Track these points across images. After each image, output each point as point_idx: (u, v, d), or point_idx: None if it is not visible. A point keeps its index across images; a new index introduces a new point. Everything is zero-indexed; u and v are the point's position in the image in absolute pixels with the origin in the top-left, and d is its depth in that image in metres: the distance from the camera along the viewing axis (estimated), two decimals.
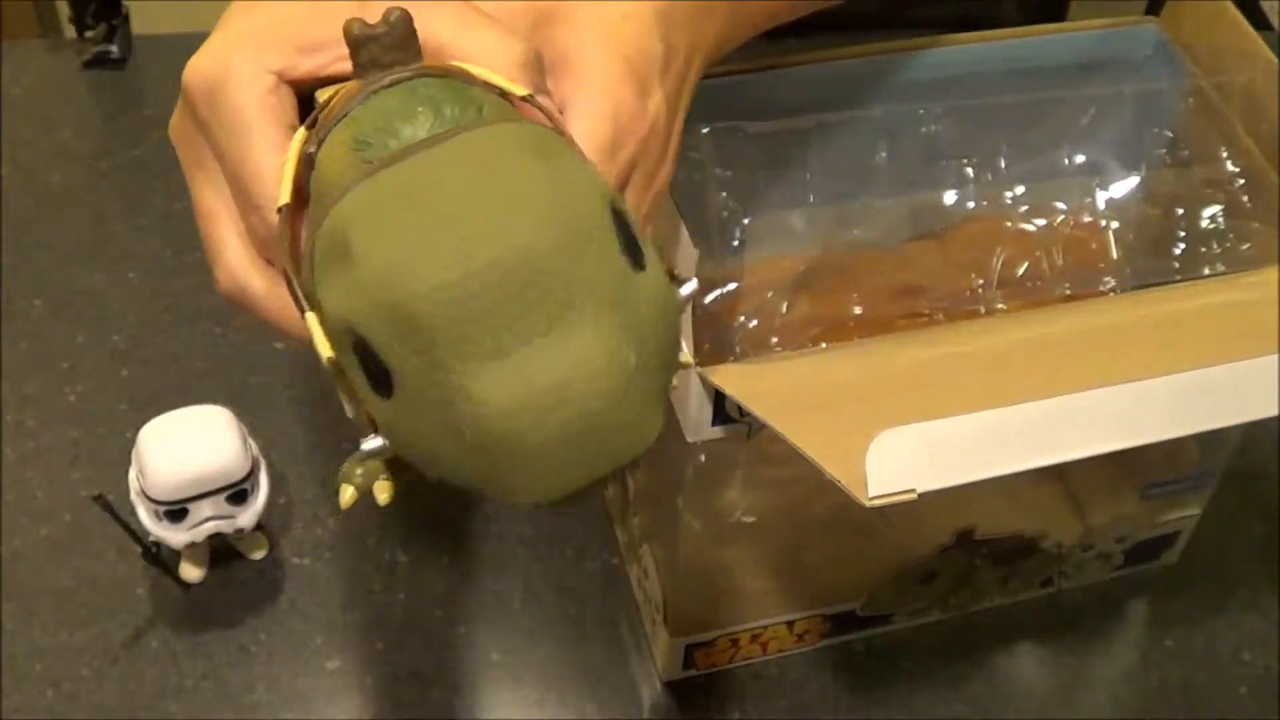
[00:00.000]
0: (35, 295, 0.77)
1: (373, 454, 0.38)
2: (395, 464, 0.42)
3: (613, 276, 0.34)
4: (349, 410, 0.42)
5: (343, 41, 0.41)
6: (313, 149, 0.39)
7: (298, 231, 0.40)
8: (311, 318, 0.38)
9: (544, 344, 0.33)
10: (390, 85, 0.39)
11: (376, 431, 0.37)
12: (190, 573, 0.65)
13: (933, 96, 0.56)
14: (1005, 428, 0.46)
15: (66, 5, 0.94)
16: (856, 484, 0.43)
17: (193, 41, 0.45)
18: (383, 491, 0.42)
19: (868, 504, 0.43)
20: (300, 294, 0.39)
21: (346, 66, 0.41)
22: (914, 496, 0.44)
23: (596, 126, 0.41)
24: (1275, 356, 0.49)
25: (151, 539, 0.62)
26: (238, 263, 0.43)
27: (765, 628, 0.62)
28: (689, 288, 0.38)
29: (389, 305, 0.34)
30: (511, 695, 0.62)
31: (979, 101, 0.57)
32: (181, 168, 0.43)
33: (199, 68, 0.43)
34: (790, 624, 0.62)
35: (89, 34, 0.92)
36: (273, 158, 0.41)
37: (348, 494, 0.42)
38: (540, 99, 0.40)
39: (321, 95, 0.42)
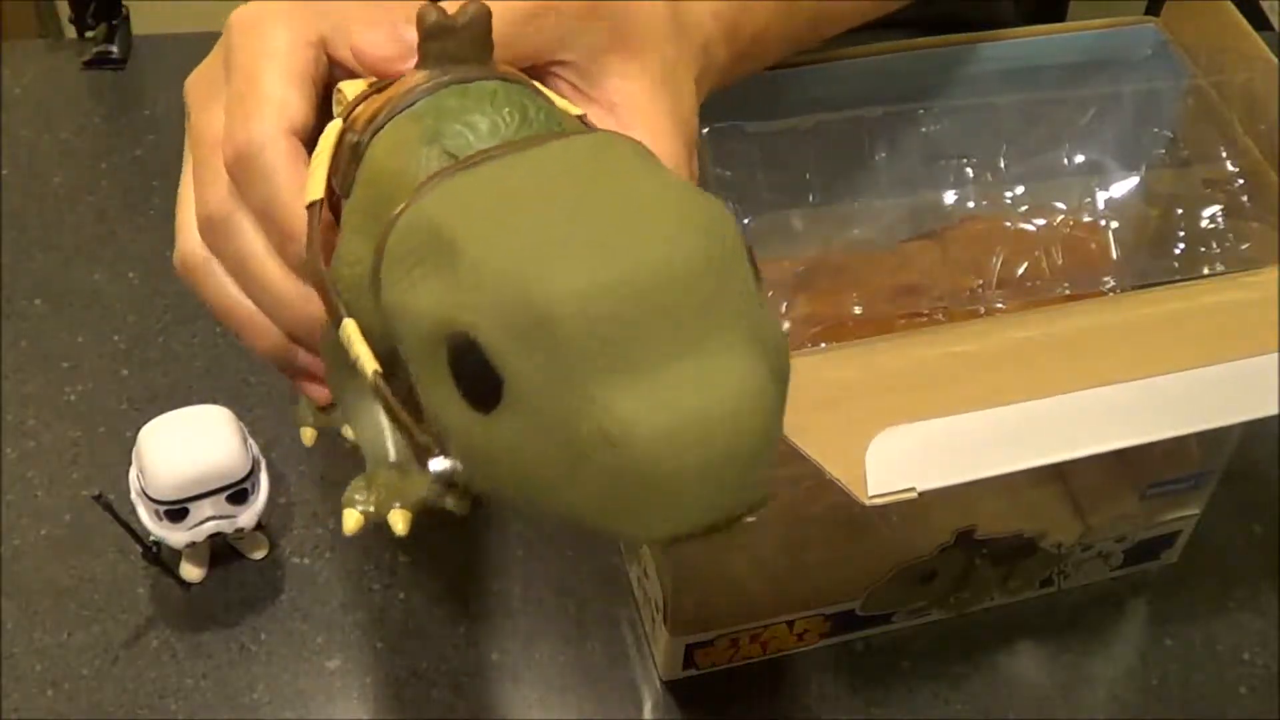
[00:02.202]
0: (35, 295, 0.77)
1: (440, 477, 0.34)
2: (447, 489, 0.38)
3: (751, 303, 0.32)
4: (352, 432, 0.40)
5: (403, 31, 0.38)
6: (357, 139, 0.37)
7: (325, 231, 0.37)
8: (351, 325, 0.35)
9: (694, 364, 0.30)
10: (464, 81, 0.36)
11: (443, 452, 0.33)
12: (190, 572, 0.65)
13: (933, 96, 0.56)
14: (1005, 427, 0.46)
15: (66, 5, 0.94)
16: (856, 483, 0.43)
17: (193, 41, 0.45)
18: (400, 521, 0.39)
19: (868, 503, 0.43)
20: (336, 298, 0.36)
21: (395, 67, 0.39)
22: (914, 495, 0.44)
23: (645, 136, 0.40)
24: (1275, 355, 0.49)
25: (152, 539, 0.62)
26: (221, 207, 0.40)
27: (765, 628, 0.62)
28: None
29: (519, 308, 0.30)
30: (511, 695, 0.62)
31: (979, 101, 0.57)
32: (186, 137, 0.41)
33: (245, 10, 0.41)
34: (790, 624, 0.62)
35: (89, 34, 0.92)
36: (291, 92, 0.38)
37: (352, 520, 0.39)
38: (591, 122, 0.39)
39: (348, 89, 0.40)
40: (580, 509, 0.31)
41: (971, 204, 0.55)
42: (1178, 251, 0.56)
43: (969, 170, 0.56)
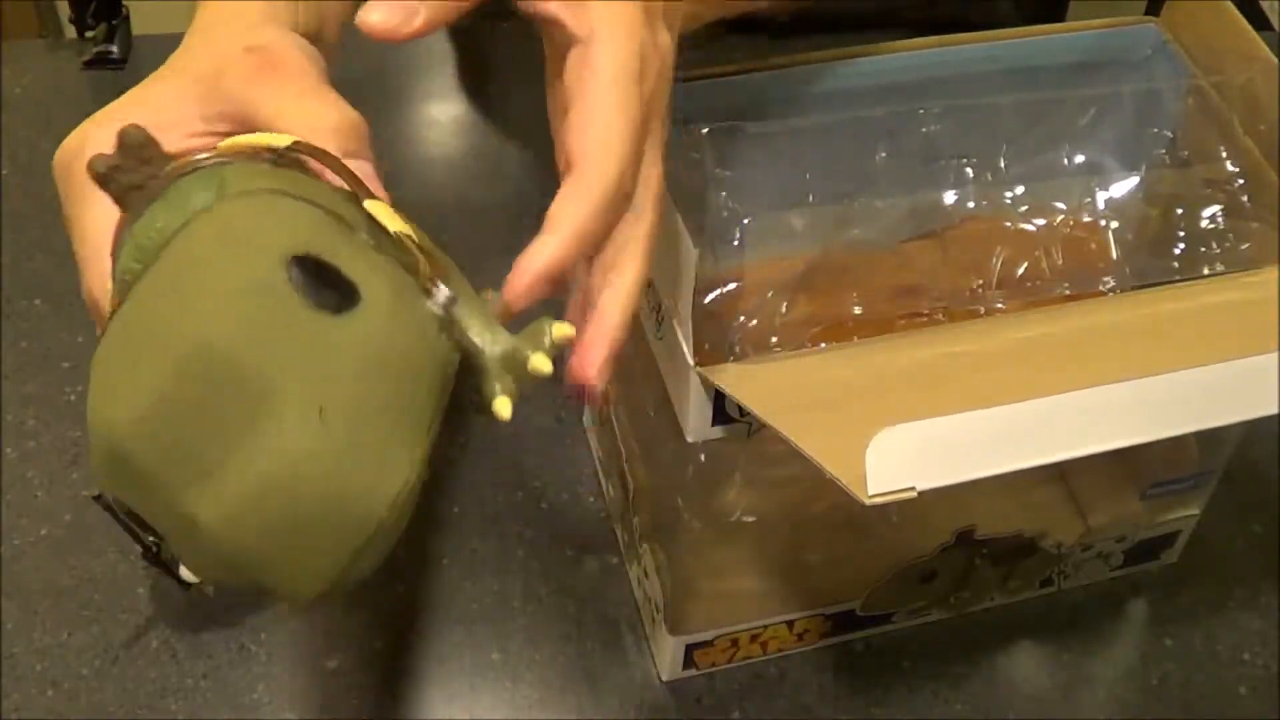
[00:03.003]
0: (35, 295, 0.77)
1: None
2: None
3: (302, 342, 0.33)
4: None
5: (189, 121, 0.43)
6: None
7: None
8: None
9: (244, 447, 0.33)
10: (145, 203, 0.39)
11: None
12: (190, 572, 0.65)
13: (933, 96, 0.56)
14: (1005, 426, 0.46)
15: (66, 5, 0.94)
16: (856, 482, 0.43)
17: None
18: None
19: (867, 502, 0.43)
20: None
21: (197, 143, 0.42)
22: (914, 495, 0.44)
23: (625, 59, 0.42)
24: (1275, 355, 0.49)
25: (152, 538, 0.62)
26: (89, 298, 0.46)
27: (765, 628, 0.62)
28: (444, 293, 0.37)
29: (106, 454, 0.34)
30: (511, 695, 0.62)
31: (979, 101, 0.57)
32: None
33: (61, 148, 0.46)
34: (790, 624, 0.62)
35: (89, 34, 0.92)
36: (105, 226, 0.42)
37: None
38: (305, 143, 0.41)
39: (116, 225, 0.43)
40: (247, 591, 0.35)
41: (971, 204, 0.55)
42: (1178, 251, 0.56)
43: (969, 170, 0.56)
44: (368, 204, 0.39)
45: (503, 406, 0.39)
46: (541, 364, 0.39)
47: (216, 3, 0.48)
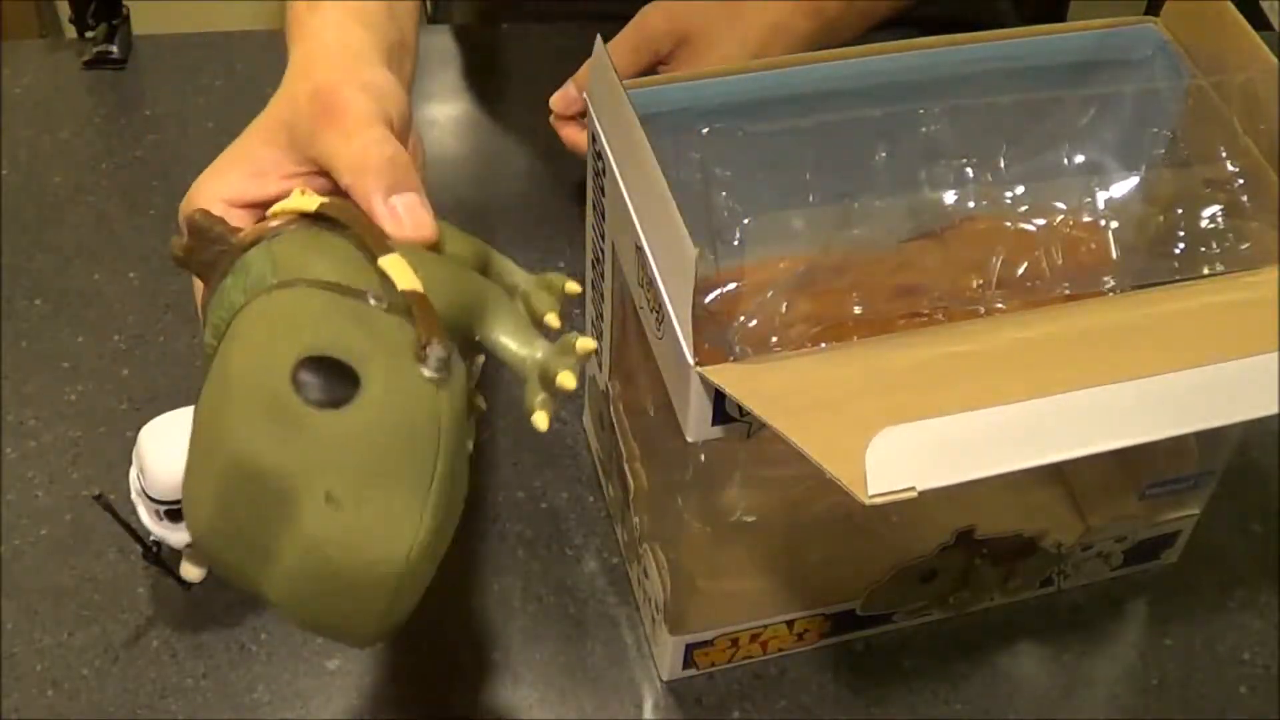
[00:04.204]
0: (35, 295, 0.77)
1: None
2: None
3: (309, 436, 0.39)
4: None
5: (281, 166, 0.50)
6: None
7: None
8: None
9: (284, 534, 0.39)
10: (216, 287, 0.46)
11: None
12: (191, 572, 0.65)
13: (933, 96, 0.56)
14: (1005, 426, 0.46)
15: (66, 5, 0.94)
16: (856, 482, 0.43)
17: (193, 41, 0.46)
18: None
19: (868, 502, 0.43)
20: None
21: (291, 184, 0.49)
22: (914, 495, 0.44)
23: None
24: (1275, 355, 0.49)
25: (152, 538, 0.62)
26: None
27: (765, 627, 0.62)
28: (437, 354, 0.42)
29: (201, 551, 0.44)
30: (511, 695, 0.62)
31: (979, 101, 0.57)
32: None
33: (185, 198, 0.52)
34: (790, 624, 0.62)
35: (89, 34, 0.92)
36: (231, 176, 0.51)
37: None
38: (328, 208, 0.47)
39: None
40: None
41: (971, 204, 0.55)
42: (1178, 251, 0.56)
43: (969, 170, 0.56)
44: (381, 262, 0.44)
45: (541, 420, 0.45)
46: (568, 381, 0.45)
47: (306, 43, 0.55)
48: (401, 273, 0.44)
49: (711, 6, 0.72)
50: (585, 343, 0.45)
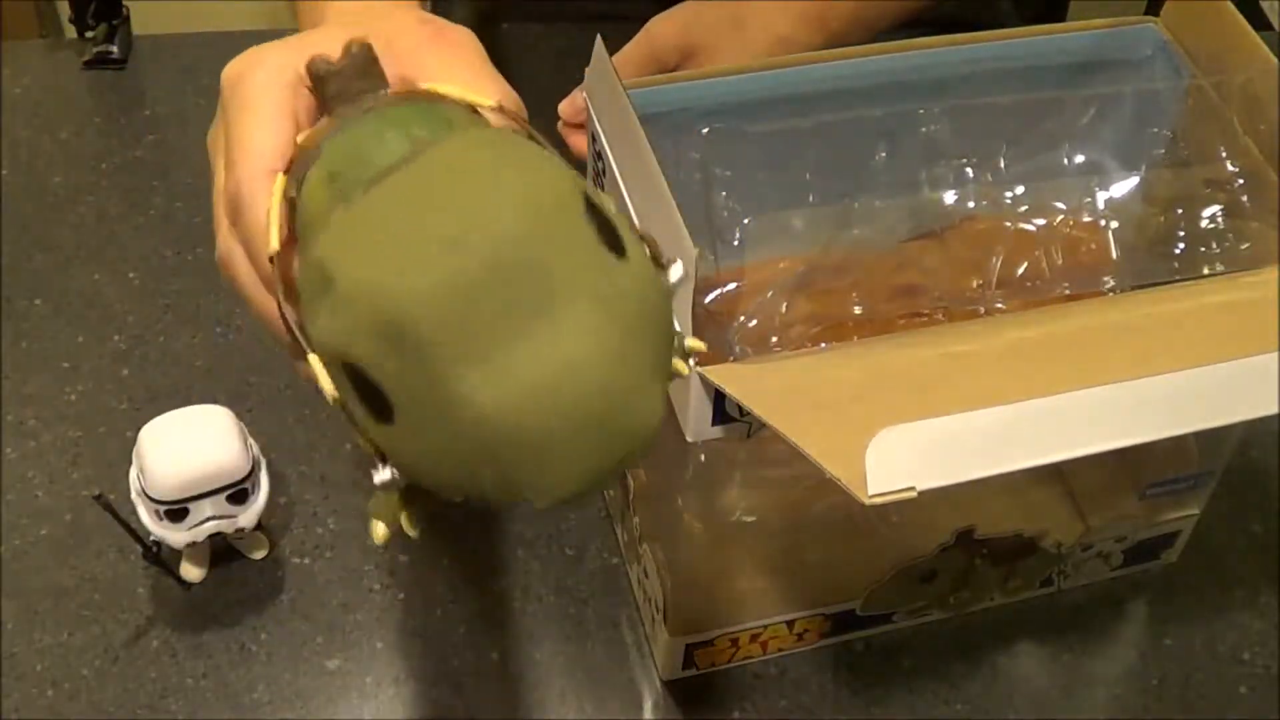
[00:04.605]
0: (35, 295, 0.77)
1: (386, 486, 0.37)
2: (412, 493, 0.40)
3: (591, 263, 0.35)
4: (362, 444, 0.41)
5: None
6: (293, 193, 0.41)
7: (292, 276, 0.40)
8: (314, 359, 0.37)
9: (532, 338, 0.33)
10: (358, 116, 0.40)
11: (385, 463, 0.37)
12: (191, 572, 0.65)
13: (933, 96, 0.56)
14: (1005, 427, 0.46)
15: (66, 5, 0.94)
16: (856, 482, 0.43)
17: (193, 41, 0.46)
18: (409, 525, 0.40)
19: (868, 502, 0.43)
20: (301, 336, 0.39)
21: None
22: (914, 495, 0.44)
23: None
24: (1275, 355, 0.49)
25: (152, 538, 0.62)
26: (221, 245, 0.45)
27: (765, 627, 0.62)
28: (677, 272, 0.39)
29: (375, 322, 0.34)
30: (511, 695, 0.62)
31: (979, 101, 0.57)
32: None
33: (233, 62, 0.46)
34: (790, 624, 0.62)
35: (89, 34, 0.92)
36: (266, 135, 0.44)
37: (379, 531, 0.40)
38: (508, 108, 0.43)
39: (299, 138, 0.43)
40: (486, 488, 0.35)
41: (971, 204, 0.55)
42: (1178, 251, 0.56)
43: (969, 170, 0.56)
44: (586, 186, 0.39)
45: (681, 367, 0.40)
46: (696, 343, 0.42)
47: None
48: (600, 196, 0.39)
49: (718, 20, 0.72)
50: (695, 342, 0.42)
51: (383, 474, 0.37)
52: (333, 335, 0.35)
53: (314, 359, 0.37)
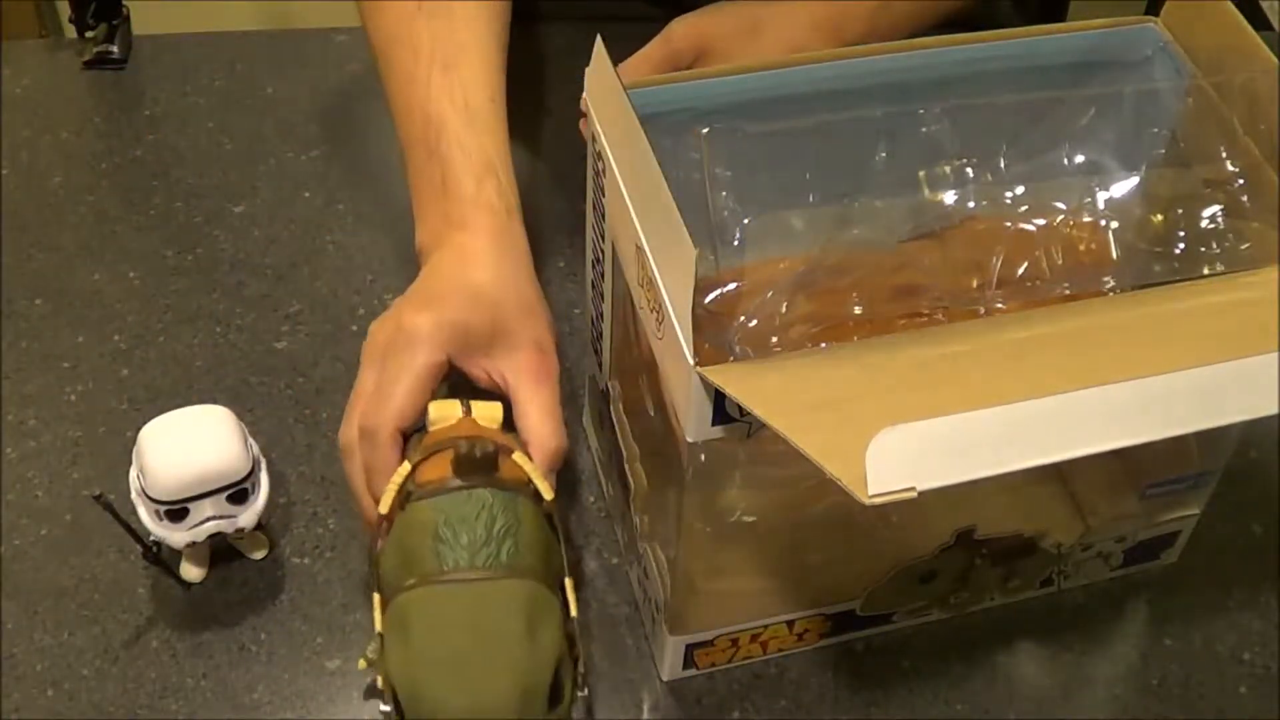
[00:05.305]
0: (35, 295, 0.78)
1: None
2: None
3: None
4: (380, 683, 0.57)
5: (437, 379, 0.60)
6: (410, 491, 0.56)
7: (382, 533, 0.57)
8: (376, 598, 0.56)
9: None
10: (464, 490, 0.55)
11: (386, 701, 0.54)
12: (190, 572, 0.65)
13: (933, 96, 0.56)
14: (1005, 427, 0.46)
15: (67, 5, 0.94)
16: (856, 482, 0.43)
17: (193, 41, 0.45)
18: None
19: (868, 502, 0.43)
20: (373, 573, 0.57)
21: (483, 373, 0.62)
22: (914, 495, 0.44)
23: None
24: (1275, 355, 0.49)
25: (152, 538, 0.62)
26: (346, 439, 0.61)
27: (765, 627, 0.62)
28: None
29: (413, 703, 0.52)
30: None
31: (979, 101, 0.57)
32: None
33: (397, 330, 0.61)
34: (790, 624, 0.62)
35: (89, 34, 0.92)
36: (406, 403, 0.59)
37: (362, 663, 0.60)
38: (548, 502, 0.58)
39: (434, 410, 0.60)
40: None
41: (971, 204, 0.55)
42: (1178, 251, 0.56)
43: (969, 170, 0.56)
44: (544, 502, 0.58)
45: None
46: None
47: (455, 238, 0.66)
48: (548, 491, 0.58)
49: (736, 26, 0.72)
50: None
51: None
52: (393, 669, 0.53)
53: (376, 598, 0.56)
